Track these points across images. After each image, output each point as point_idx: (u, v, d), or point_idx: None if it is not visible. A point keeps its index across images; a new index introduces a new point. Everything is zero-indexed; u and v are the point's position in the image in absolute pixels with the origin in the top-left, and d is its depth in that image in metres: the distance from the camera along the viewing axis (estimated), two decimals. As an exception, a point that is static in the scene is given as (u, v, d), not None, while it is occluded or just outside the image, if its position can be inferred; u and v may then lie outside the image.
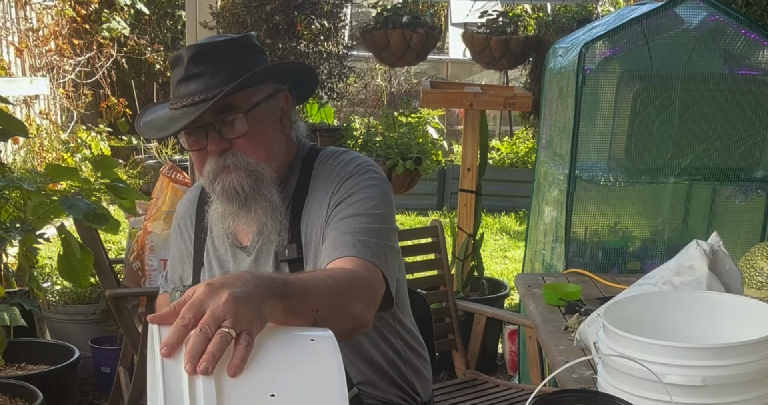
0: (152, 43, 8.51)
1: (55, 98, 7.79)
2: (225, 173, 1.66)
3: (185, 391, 1.03)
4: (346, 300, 1.40)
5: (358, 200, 1.67)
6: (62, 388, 3.36)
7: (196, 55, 1.64)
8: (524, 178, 5.82)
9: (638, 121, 3.00)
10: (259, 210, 1.69)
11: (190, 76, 1.63)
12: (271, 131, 1.72)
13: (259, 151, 1.68)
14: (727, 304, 1.52)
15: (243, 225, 1.77)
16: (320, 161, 1.78)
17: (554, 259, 3.17)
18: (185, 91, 1.64)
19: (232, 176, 1.66)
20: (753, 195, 3.14)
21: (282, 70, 1.78)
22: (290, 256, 1.71)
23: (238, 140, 1.65)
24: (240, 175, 1.66)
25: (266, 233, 1.73)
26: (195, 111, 1.61)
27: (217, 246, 1.84)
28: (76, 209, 2.25)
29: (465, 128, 4.14)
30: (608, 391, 1.37)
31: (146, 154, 8.25)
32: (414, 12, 5.16)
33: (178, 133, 1.66)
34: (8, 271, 3.78)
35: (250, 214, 1.70)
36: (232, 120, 1.64)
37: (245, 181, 1.66)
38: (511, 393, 2.77)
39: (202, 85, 1.62)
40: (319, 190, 1.73)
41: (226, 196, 1.67)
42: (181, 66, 1.65)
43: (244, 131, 1.65)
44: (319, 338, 1.18)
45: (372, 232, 1.63)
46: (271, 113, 1.72)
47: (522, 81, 6.82)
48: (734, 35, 3.01)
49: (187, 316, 1.07)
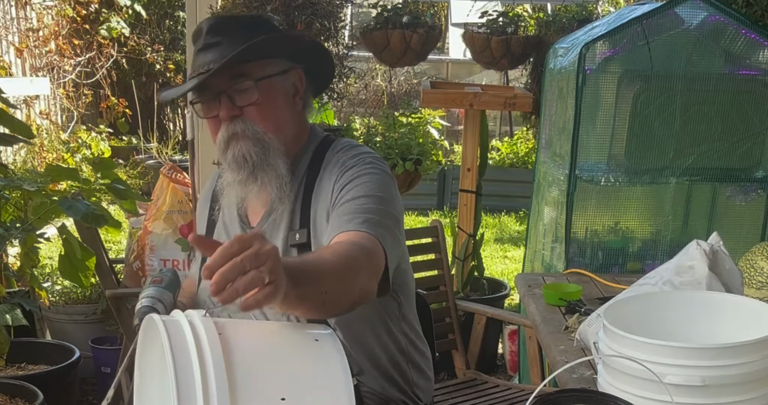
0: (152, 44, 8.51)
1: (55, 98, 7.79)
2: (234, 141, 1.71)
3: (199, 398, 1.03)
4: (352, 274, 1.45)
5: (358, 184, 1.70)
6: (62, 388, 3.36)
7: (214, 26, 1.71)
8: (524, 178, 5.82)
9: (638, 121, 3.00)
10: (266, 179, 1.73)
11: (207, 45, 1.70)
12: (281, 104, 1.76)
13: (267, 121, 1.72)
14: (727, 304, 1.53)
15: (252, 200, 1.80)
16: (332, 151, 1.82)
17: (554, 259, 3.17)
18: (202, 60, 1.70)
19: (241, 144, 1.70)
20: (753, 195, 3.14)
21: (295, 47, 1.81)
22: (300, 241, 1.73)
23: (249, 108, 1.70)
24: (248, 143, 1.70)
25: (276, 213, 1.76)
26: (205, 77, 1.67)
27: (226, 222, 1.87)
28: (75, 210, 2.25)
29: (465, 128, 4.14)
30: (608, 391, 1.37)
31: (146, 154, 8.25)
32: (414, 12, 5.15)
33: (194, 96, 1.72)
34: (9, 271, 3.78)
35: (257, 184, 1.73)
36: (244, 88, 1.69)
37: (252, 150, 1.70)
38: (511, 393, 2.77)
39: (217, 54, 1.68)
40: (326, 179, 1.76)
41: (236, 163, 1.72)
42: (200, 37, 1.72)
43: (254, 99, 1.70)
44: (322, 338, 1.19)
45: (371, 211, 1.65)
46: (283, 87, 1.76)
47: (522, 81, 6.81)
48: (734, 35, 3.01)
49: (235, 246, 1.13)
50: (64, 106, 7.92)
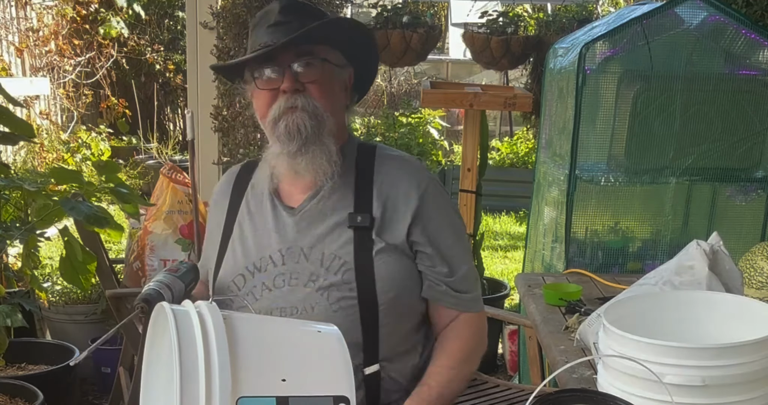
0: (152, 44, 8.52)
1: (55, 98, 7.79)
2: (291, 113, 1.74)
3: (201, 374, 1.07)
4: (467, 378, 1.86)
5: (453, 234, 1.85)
6: (62, 388, 3.36)
7: (287, 6, 1.78)
8: (524, 178, 5.82)
9: (638, 121, 3.00)
10: (317, 152, 1.76)
11: (278, 22, 1.75)
12: (337, 91, 1.82)
13: (325, 100, 1.77)
14: (727, 304, 1.53)
15: (294, 187, 1.84)
16: (381, 151, 1.89)
17: (554, 259, 3.17)
18: (272, 36, 1.75)
19: (297, 115, 1.74)
20: (753, 195, 3.14)
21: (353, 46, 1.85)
22: (362, 224, 1.78)
23: (311, 84, 1.75)
24: (305, 115, 1.74)
25: (322, 194, 1.80)
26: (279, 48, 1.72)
27: (253, 211, 1.88)
28: (78, 211, 2.24)
29: (465, 128, 4.13)
30: (608, 391, 1.37)
31: (146, 154, 8.25)
32: (414, 12, 5.16)
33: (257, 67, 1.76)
34: (8, 271, 3.78)
35: (306, 157, 1.76)
36: (308, 65, 1.75)
37: (308, 122, 1.74)
38: (511, 393, 2.76)
39: (289, 31, 1.73)
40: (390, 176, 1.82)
41: (288, 134, 1.74)
42: (271, 14, 1.77)
43: (317, 77, 1.76)
44: (325, 330, 1.22)
45: (473, 277, 1.88)
46: (340, 78, 1.83)
47: (522, 81, 6.81)
48: (734, 35, 3.01)
49: None
50: (64, 106, 7.92)
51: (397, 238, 1.78)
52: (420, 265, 1.82)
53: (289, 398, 1.09)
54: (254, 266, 1.82)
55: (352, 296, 1.74)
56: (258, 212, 1.88)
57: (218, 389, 1.06)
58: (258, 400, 1.08)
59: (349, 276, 1.74)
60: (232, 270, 1.85)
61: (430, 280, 1.83)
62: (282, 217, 1.84)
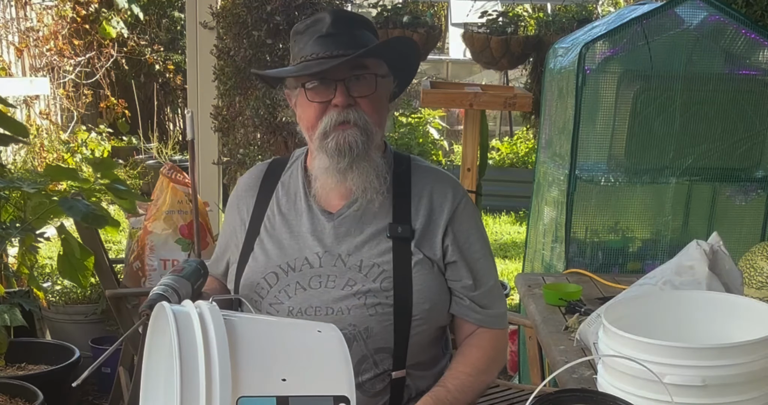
0: (152, 44, 8.52)
1: (55, 98, 7.79)
2: (342, 129, 1.74)
3: (201, 374, 1.07)
4: (482, 390, 1.84)
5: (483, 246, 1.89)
6: (62, 388, 3.35)
7: (338, 18, 1.78)
8: (524, 178, 5.82)
9: (638, 121, 3.00)
10: (366, 169, 1.77)
11: (330, 34, 1.75)
12: (385, 103, 1.83)
13: (376, 115, 1.77)
14: (727, 304, 1.52)
15: (332, 192, 1.83)
16: (414, 161, 1.91)
17: (554, 259, 3.17)
18: (324, 47, 1.74)
19: (350, 131, 1.73)
20: (753, 195, 3.14)
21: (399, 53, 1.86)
22: (402, 235, 1.80)
23: (363, 99, 1.75)
24: (356, 132, 1.74)
25: (361, 203, 1.81)
26: (334, 61, 1.70)
27: (285, 212, 1.87)
28: (75, 210, 2.24)
29: (465, 128, 4.13)
30: (608, 391, 1.37)
31: (146, 154, 8.25)
32: (414, 12, 5.16)
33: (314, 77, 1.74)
34: (8, 271, 3.78)
35: (356, 174, 1.77)
36: (361, 79, 1.75)
37: (360, 139, 1.74)
38: (511, 393, 2.76)
39: (342, 43, 1.73)
40: (431, 185, 1.85)
41: (339, 151, 1.74)
42: (322, 25, 1.76)
43: (370, 92, 1.75)
44: (325, 330, 1.22)
45: (498, 295, 1.91)
46: (387, 89, 1.83)
47: (522, 81, 6.82)
48: (734, 35, 3.01)
49: None
50: (64, 106, 7.92)
51: (434, 252, 1.81)
52: (448, 280, 1.85)
53: (290, 398, 1.09)
54: (288, 265, 1.81)
55: (388, 304, 1.76)
56: (291, 212, 1.87)
57: (218, 389, 1.06)
58: (258, 400, 1.08)
59: (388, 284, 1.76)
60: (263, 267, 1.84)
61: (455, 295, 1.85)
62: (320, 221, 1.83)
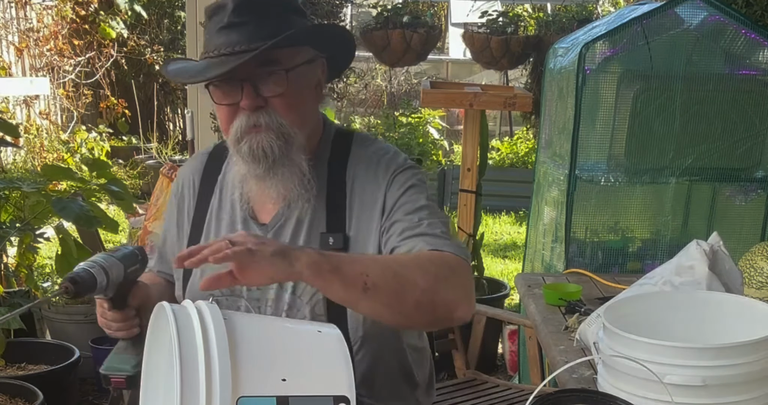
0: (152, 44, 8.52)
1: (55, 98, 7.79)
2: (254, 132, 1.55)
3: (202, 374, 1.07)
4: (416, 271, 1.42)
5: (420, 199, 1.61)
6: (62, 388, 3.35)
7: (242, 4, 1.56)
8: (524, 178, 5.82)
9: (638, 121, 3.00)
10: (287, 174, 1.58)
11: (232, 24, 1.54)
12: (307, 96, 1.62)
13: (293, 114, 1.57)
14: (727, 304, 1.53)
15: (265, 196, 1.65)
16: (357, 146, 1.69)
17: (554, 259, 3.17)
18: (226, 40, 1.55)
19: (262, 136, 1.55)
20: (753, 195, 3.14)
21: (325, 35, 1.69)
22: (335, 246, 1.59)
23: (274, 99, 1.55)
24: (270, 135, 1.55)
25: (293, 207, 1.63)
26: (235, 60, 1.51)
27: (222, 217, 1.71)
28: (68, 211, 2.23)
29: (465, 128, 4.13)
30: (608, 391, 1.37)
31: (146, 154, 8.25)
32: (414, 12, 5.16)
33: (213, 81, 1.56)
34: (8, 271, 3.78)
35: (275, 180, 1.59)
36: (271, 76, 1.55)
37: (275, 143, 1.55)
38: (511, 393, 2.77)
39: (245, 35, 1.53)
40: (364, 180, 1.64)
41: (253, 156, 1.56)
42: (223, 13, 1.56)
43: (282, 90, 1.55)
44: (325, 330, 1.22)
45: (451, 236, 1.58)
46: (308, 79, 1.62)
47: (522, 81, 6.82)
48: (734, 35, 3.01)
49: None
50: (64, 106, 7.92)
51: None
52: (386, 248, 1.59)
53: (290, 398, 1.09)
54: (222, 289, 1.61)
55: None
56: (226, 222, 1.70)
57: (218, 389, 1.06)
58: (258, 400, 1.08)
59: (320, 308, 1.58)
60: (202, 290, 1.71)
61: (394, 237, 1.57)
62: (252, 231, 1.64)
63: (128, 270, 1.51)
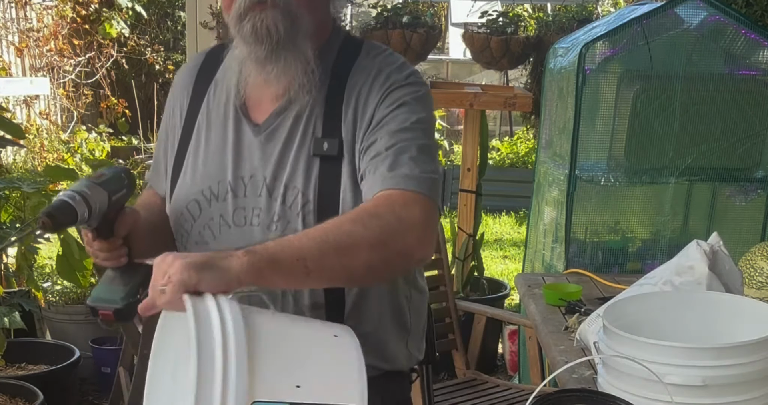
0: (152, 44, 8.52)
1: (55, 98, 7.79)
2: (259, 10, 1.41)
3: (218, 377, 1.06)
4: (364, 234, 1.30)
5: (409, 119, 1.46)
6: (62, 388, 3.36)
7: None
8: (524, 178, 5.82)
9: (638, 121, 3.00)
10: (290, 61, 1.44)
11: None
12: None
13: None
14: (727, 304, 1.53)
15: (263, 89, 1.51)
16: (367, 55, 1.54)
17: (554, 259, 3.17)
18: None
19: (267, 13, 1.41)
20: (753, 195, 3.14)
21: None
22: (329, 152, 1.47)
23: None
24: (276, 14, 1.41)
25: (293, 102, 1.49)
26: None
27: (212, 118, 1.57)
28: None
29: (465, 128, 4.14)
30: (608, 391, 1.37)
31: (146, 154, 8.25)
32: (414, 12, 5.16)
33: None
34: (8, 271, 3.78)
35: (277, 66, 1.44)
36: None
37: (281, 22, 1.41)
38: (511, 393, 2.77)
39: None
40: (361, 89, 1.50)
41: (256, 36, 1.42)
42: None
43: None
44: (341, 335, 1.21)
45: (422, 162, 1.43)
46: None
47: (522, 81, 6.82)
48: (734, 35, 3.01)
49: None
50: (64, 106, 7.92)
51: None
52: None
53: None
54: (211, 192, 1.52)
55: None
56: (218, 120, 1.56)
57: (234, 394, 1.05)
58: None
59: (311, 219, 1.45)
60: (187, 192, 1.55)
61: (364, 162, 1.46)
62: (246, 134, 1.52)
63: (113, 197, 1.39)
